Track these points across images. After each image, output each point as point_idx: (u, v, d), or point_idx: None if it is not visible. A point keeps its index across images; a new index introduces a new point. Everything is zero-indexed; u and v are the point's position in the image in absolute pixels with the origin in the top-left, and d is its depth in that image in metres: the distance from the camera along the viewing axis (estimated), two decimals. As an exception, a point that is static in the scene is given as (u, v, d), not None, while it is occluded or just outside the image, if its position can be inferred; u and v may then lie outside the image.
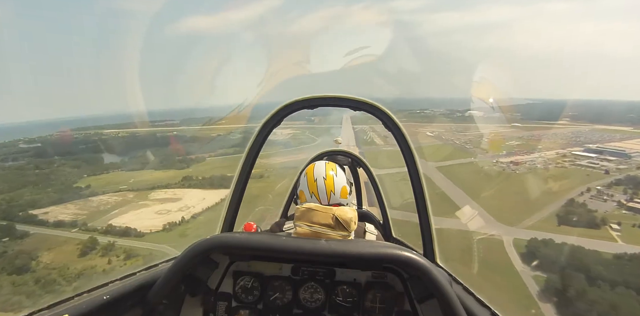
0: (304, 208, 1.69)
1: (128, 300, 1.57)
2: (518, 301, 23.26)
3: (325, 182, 2.14)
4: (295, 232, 1.69)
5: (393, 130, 2.24)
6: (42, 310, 1.37)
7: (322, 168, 2.21)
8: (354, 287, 1.74)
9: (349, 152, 5.12)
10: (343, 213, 1.66)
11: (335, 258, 1.45)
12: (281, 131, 76.98)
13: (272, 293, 1.76)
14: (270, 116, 2.29)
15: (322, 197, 2.12)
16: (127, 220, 38.64)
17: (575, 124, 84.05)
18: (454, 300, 1.36)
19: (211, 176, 50.38)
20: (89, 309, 1.41)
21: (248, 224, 2.39)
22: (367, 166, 5.03)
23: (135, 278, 1.70)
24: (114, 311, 1.52)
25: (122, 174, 59.52)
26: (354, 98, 2.19)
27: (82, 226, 38.04)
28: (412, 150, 2.24)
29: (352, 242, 1.55)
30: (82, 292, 1.52)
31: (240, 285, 1.79)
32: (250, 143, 2.36)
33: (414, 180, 2.24)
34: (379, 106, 2.19)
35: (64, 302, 1.43)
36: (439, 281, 1.37)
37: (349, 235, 1.65)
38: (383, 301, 1.70)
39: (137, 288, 1.62)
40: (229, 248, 1.53)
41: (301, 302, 1.75)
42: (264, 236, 1.56)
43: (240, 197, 2.37)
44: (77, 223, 38.89)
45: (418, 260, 1.39)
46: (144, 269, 1.83)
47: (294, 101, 2.25)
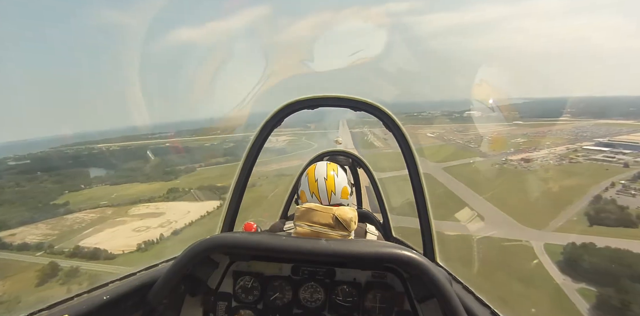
0: (304, 208, 1.66)
1: (128, 300, 1.55)
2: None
3: (326, 182, 2.10)
4: (295, 231, 1.66)
5: (393, 130, 2.20)
6: (42, 310, 1.35)
7: (324, 169, 2.18)
8: (354, 287, 1.71)
9: (349, 152, 4.99)
10: (343, 213, 1.63)
11: (335, 257, 1.42)
12: (276, 138, 74.40)
13: (272, 293, 1.73)
14: (270, 116, 2.25)
15: (323, 197, 2.08)
16: (100, 240, 33.62)
17: (577, 120, 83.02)
18: (454, 299, 1.33)
19: (199, 187, 45.64)
20: (88, 309, 1.39)
21: (248, 224, 2.36)
22: (368, 166, 4.90)
23: (135, 278, 1.68)
24: (114, 311, 1.49)
25: (106, 188, 55.19)
26: (354, 99, 2.17)
27: (49, 249, 32.94)
28: (413, 150, 2.19)
29: (352, 242, 1.54)
30: (82, 292, 1.50)
31: (240, 285, 1.75)
32: (251, 144, 2.32)
33: (414, 180, 2.18)
34: (379, 106, 2.17)
35: (63, 302, 1.42)
36: (439, 280, 1.35)
37: (349, 235, 1.63)
38: (383, 301, 1.67)
39: (137, 288, 1.59)
40: (228, 248, 1.50)
41: (301, 302, 1.72)
42: (263, 236, 1.53)
43: (240, 197, 2.33)
44: (44, 245, 33.78)
45: (418, 259, 1.37)
46: (144, 269, 1.80)
47: (294, 101, 2.21)
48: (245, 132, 71.70)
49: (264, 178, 45.66)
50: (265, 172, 47.42)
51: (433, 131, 78.77)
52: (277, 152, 66.58)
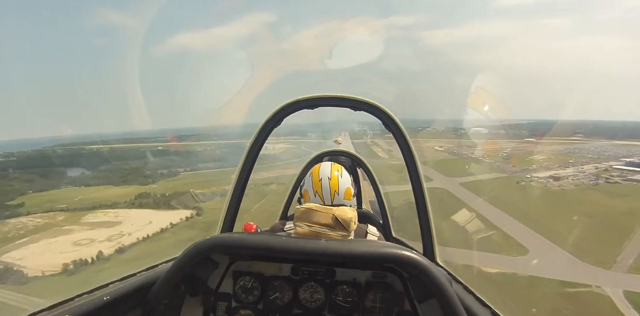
0: (304, 208, 1.64)
1: (128, 301, 1.51)
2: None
3: (330, 182, 2.03)
4: (295, 231, 1.63)
5: (393, 130, 2.15)
6: (43, 310, 1.31)
7: (328, 169, 2.10)
8: (354, 287, 1.67)
9: (349, 152, 4.83)
10: (343, 213, 1.60)
11: (335, 257, 1.39)
12: (272, 145, 68.49)
13: (272, 293, 1.69)
14: (270, 116, 2.18)
15: (326, 196, 2.01)
16: (28, 254, 25.41)
17: (590, 140, 77.74)
18: (454, 299, 1.31)
19: (174, 192, 37.65)
20: (89, 309, 1.35)
21: (248, 224, 2.30)
22: (368, 166, 4.77)
23: (135, 278, 1.64)
24: (114, 311, 1.45)
25: (74, 190, 47.69)
26: (354, 98, 2.11)
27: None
28: (413, 150, 2.15)
29: (352, 242, 1.50)
30: (83, 293, 1.45)
31: (240, 285, 1.71)
32: (251, 144, 2.22)
33: (413, 180, 2.14)
34: (379, 106, 2.12)
35: (64, 303, 1.37)
36: (439, 280, 1.32)
37: (349, 235, 1.60)
38: (383, 301, 1.63)
39: (137, 289, 1.55)
40: (228, 248, 1.47)
41: (301, 302, 1.68)
42: (263, 236, 1.49)
43: (240, 197, 2.24)
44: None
45: (418, 259, 1.34)
46: (144, 269, 1.76)
47: (294, 101, 2.15)
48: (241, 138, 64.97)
49: (252, 187, 37.61)
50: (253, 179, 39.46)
51: (441, 145, 72.49)
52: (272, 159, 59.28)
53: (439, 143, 74.58)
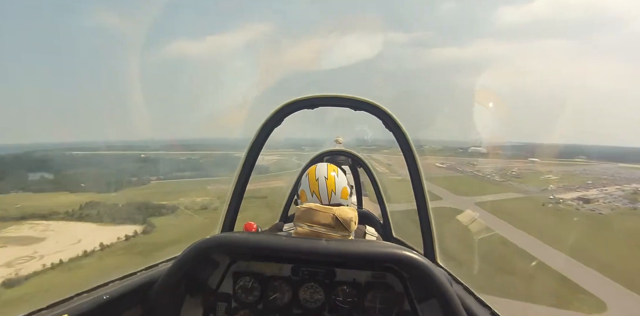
0: (304, 208, 1.59)
1: (128, 300, 1.47)
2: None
3: (326, 181, 2.00)
4: (295, 231, 1.58)
5: (393, 130, 2.10)
6: (42, 309, 1.27)
7: (324, 169, 2.08)
8: (353, 287, 1.62)
9: (350, 151, 4.59)
10: (343, 213, 1.56)
11: (335, 257, 1.38)
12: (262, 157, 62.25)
13: (272, 293, 1.65)
14: (270, 116, 2.13)
15: (323, 196, 1.97)
16: None
17: (596, 162, 73.28)
18: (454, 299, 1.28)
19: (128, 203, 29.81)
20: (89, 309, 1.32)
21: (248, 224, 2.26)
22: (368, 166, 4.57)
23: (135, 278, 1.60)
24: (114, 311, 1.42)
25: (20, 196, 39.46)
26: (354, 98, 2.06)
27: None
28: (413, 150, 2.09)
29: (352, 242, 1.47)
30: (82, 292, 1.41)
31: (240, 285, 1.66)
32: (251, 144, 2.17)
33: (414, 180, 2.09)
34: (380, 106, 2.06)
35: (63, 302, 1.33)
36: (439, 280, 1.29)
37: (349, 235, 1.56)
38: (383, 302, 1.59)
39: (137, 288, 1.51)
40: (229, 248, 1.44)
41: (301, 302, 1.64)
42: (263, 236, 1.47)
43: (240, 198, 2.18)
44: None
45: (418, 260, 1.31)
46: (144, 269, 1.71)
47: (294, 101, 2.09)
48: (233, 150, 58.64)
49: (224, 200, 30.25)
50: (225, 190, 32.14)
51: (442, 162, 66.72)
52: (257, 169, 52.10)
53: (439, 159, 69.31)
